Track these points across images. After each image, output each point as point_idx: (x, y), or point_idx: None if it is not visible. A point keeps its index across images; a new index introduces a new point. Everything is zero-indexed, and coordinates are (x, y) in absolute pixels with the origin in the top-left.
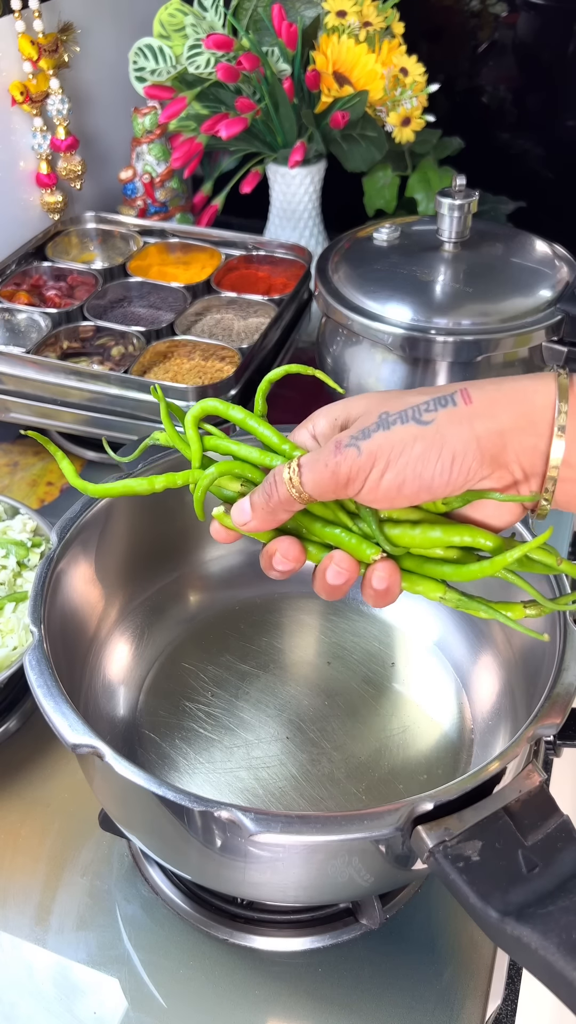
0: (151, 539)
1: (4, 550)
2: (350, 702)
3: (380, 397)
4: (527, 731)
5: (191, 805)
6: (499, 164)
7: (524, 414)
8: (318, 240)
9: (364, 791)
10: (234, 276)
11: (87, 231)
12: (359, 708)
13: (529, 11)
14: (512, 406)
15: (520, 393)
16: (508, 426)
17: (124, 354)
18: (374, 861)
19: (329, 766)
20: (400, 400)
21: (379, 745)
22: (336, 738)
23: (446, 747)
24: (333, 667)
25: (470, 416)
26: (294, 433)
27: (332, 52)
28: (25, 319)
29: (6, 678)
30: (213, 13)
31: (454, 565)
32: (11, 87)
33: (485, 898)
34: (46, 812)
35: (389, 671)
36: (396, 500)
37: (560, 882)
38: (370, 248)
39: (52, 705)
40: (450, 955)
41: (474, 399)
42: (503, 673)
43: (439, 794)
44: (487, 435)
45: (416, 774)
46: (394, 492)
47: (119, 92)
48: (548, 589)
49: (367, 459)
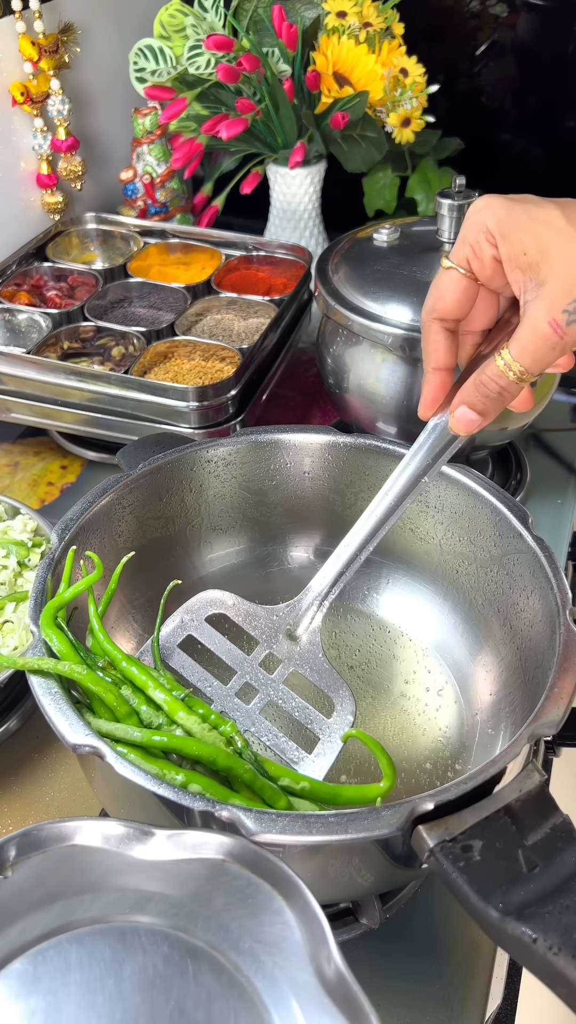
0: (151, 539)
1: (5, 550)
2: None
3: (561, 239)
4: (527, 731)
5: (191, 805)
6: (499, 164)
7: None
8: (318, 241)
9: None
10: (234, 277)
11: (88, 231)
12: (358, 708)
13: (529, 11)
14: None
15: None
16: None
17: (124, 354)
18: (374, 861)
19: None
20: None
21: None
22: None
23: (446, 747)
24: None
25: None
26: (455, 252)
27: (332, 53)
28: (26, 319)
29: (6, 678)
30: (213, 14)
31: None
32: (12, 88)
33: (485, 898)
34: (46, 812)
35: (389, 671)
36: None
37: (560, 882)
38: (370, 249)
39: (52, 705)
40: (450, 955)
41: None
42: (503, 673)
43: (439, 794)
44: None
45: (416, 774)
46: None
47: (119, 93)
48: (549, 589)
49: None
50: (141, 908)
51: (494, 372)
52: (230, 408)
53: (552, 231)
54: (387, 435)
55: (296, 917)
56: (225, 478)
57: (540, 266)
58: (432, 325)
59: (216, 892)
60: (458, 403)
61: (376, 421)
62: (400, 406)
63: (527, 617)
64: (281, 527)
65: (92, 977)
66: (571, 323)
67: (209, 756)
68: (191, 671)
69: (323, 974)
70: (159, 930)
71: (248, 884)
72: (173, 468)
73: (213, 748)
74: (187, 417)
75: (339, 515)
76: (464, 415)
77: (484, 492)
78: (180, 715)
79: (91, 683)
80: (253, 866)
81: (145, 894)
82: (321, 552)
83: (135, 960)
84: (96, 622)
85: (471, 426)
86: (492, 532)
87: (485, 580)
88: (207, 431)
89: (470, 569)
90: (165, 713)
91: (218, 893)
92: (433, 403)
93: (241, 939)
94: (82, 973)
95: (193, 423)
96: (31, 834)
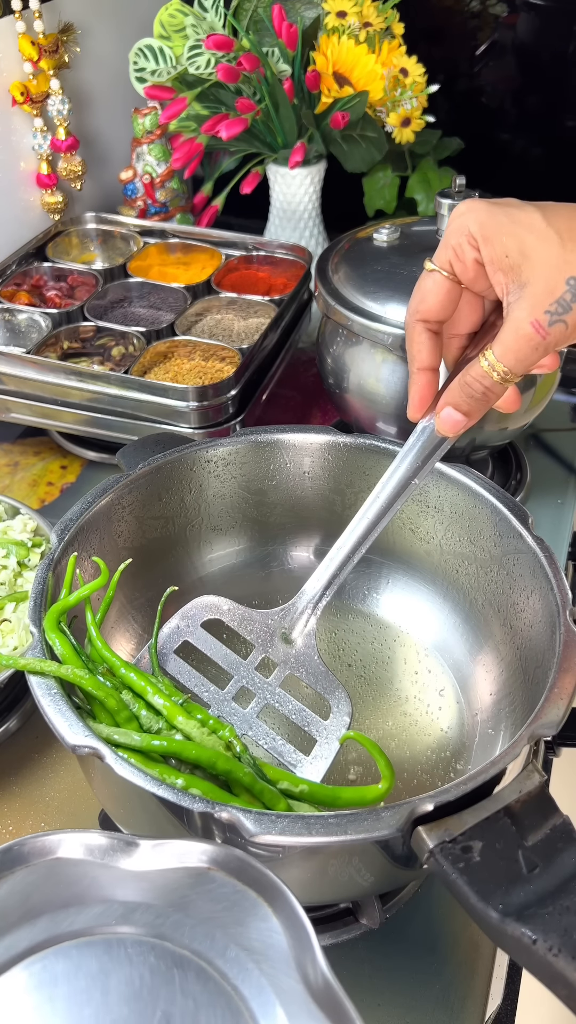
0: (151, 540)
1: (4, 550)
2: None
3: (541, 242)
4: (527, 731)
5: (191, 805)
6: (499, 164)
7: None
8: (318, 240)
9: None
10: (234, 276)
11: (87, 231)
12: (358, 709)
13: (529, 11)
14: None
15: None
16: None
17: (124, 354)
18: (374, 862)
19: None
20: (574, 254)
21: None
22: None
23: (446, 747)
24: (332, 668)
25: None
26: (438, 254)
27: (332, 53)
28: (25, 319)
29: (6, 678)
30: (213, 14)
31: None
32: (11, 88)
33: (485, 898)
34: (46, 812)
35: (389, 671)
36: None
37: (560, 882)
38: (370, 249)
39: (52, 705)
40: (450, 955)
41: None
42: (503, 673)
43: (439, 795)
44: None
45: (416, 775)
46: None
47: (119, 92)
48: (549, 589)
49: (573, 330)
50: (127, 919)
51: (478, 373)
52: (230, 408)
53: (533, 234)
54: (387, 435)
55: (282, 923)
56: (225, 478)
57: (522, 268)
58: (416, 327)
59: (202, 900)
60: (444, 404)
61: (376, 421)
62: (400, 406)
63: (527, 617)
64: (281, 527)
65: (78, 990)
66: (553, 323)
67: (209, 759)
68: (188, 677)
69: (309, 980)
70: (145, 940)
71: (234, 891)
72: (173, 468)
73: (212, 752)
74: (187, 417)
75: (339, 515)
76: (450, 416)
77: (484, 492)
78: (179, 719)
79: (93, 687)
80: (238, 873)
81: (130, 905)
82: (321, 552)
83: (121, 971)
84: (94, 630)
85: (457, 427)
86: (492, 532)
87: (485, 580)
88: (207, 431)
89: (470, 569)
90: (164, 718)
91: (204, 901)
92: (420, 403)
93: (228, 947)
94: (68, 986)
95: (193, 423)
96: (13, 849)
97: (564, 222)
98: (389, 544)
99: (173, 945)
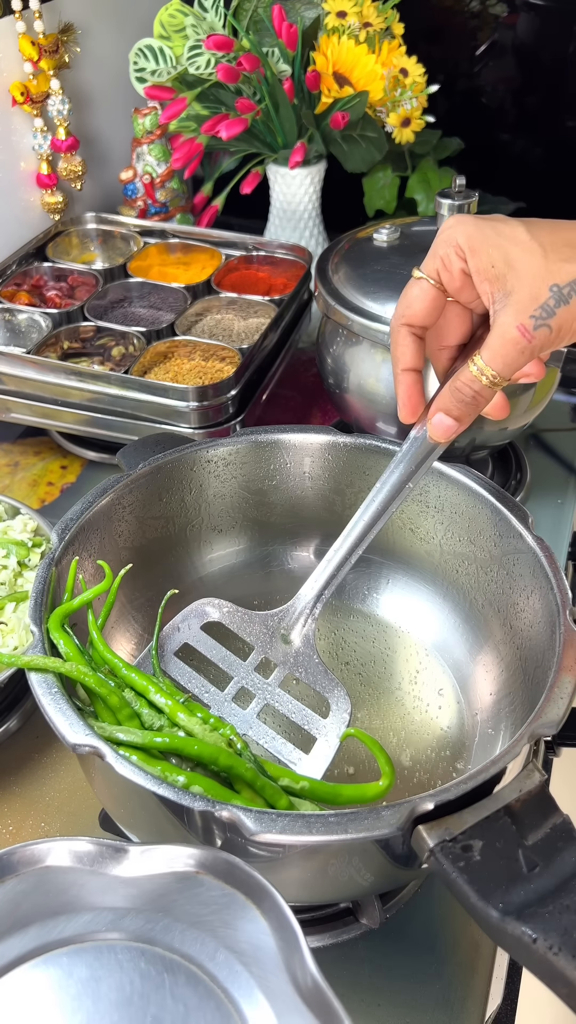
0: (151, 540)
1: (5, 550)
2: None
3: (526, 254)
4: (527, 731)
5: (191, 805)
6: (499, 164)
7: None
8: (318, 241)
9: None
10: (234, 276)
11: (87, 231)
12: (358, 708)
13: (529, 11)
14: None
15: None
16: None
17: (124, 354)
18: (374, 861)
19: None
20: (556, 264)
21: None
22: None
23: (446, 747)
24: (331, 667)
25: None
26: (426, 263)
27: (332, 53)
28: (26, 319)
29: (6, 678)
30: (213, 14)
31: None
32: (12, 88)
33: (485, 898)
34: (46, 812)
35: (389, 671)
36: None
37: (560, 882)
38: (370, 249)
39: (52, 705)
40: (450, 955)
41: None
42: (503, 673)
43: (439, 794)
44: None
45: (416, 774)
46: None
47: (119, 93)
48: (549, 589)
49: (557, 335)
50: (116, 925)
51: (468, 378)
52: (230, 408)
53: (518, 246)
54: (387, 435)
55: (270, 925)
56: (225, 478)
57: (507, 277)
58: (400, 331)
59: (190, 904)
60: (435, 410)
61: (376, 421)
62: None
63: (527, 617)
64: (281, 527)
65: (69, 997)
66: (538, 327)
67: (211, 755)
68: (188, 678)
69: (298, 981)
70: (135, 946)
71: (222, 895)
72: (173, 468)
73: (214, 748)
74: (187, 417)
75: (339, 515)
76: (441, 421)
77: (484, 492)
78: (180, 717)
79: (96, 684)
80: (227, 876)
81: (120, 911)
82: (321, 552)
83: (112, 978)
84: (96, 633)
85: (448, 432)
86: (492, 532)
87: (485, 580)
88: (207, 431)
89: (470, 569)
90: (166, 716)
91: (192, 905)
92: (408, 402)
93: (217, 950)
94: (59, 994)
95: (193, 423)
96: (2, 859)
97: (547, 236)
98: (389, 544)
99: (163, 950)
